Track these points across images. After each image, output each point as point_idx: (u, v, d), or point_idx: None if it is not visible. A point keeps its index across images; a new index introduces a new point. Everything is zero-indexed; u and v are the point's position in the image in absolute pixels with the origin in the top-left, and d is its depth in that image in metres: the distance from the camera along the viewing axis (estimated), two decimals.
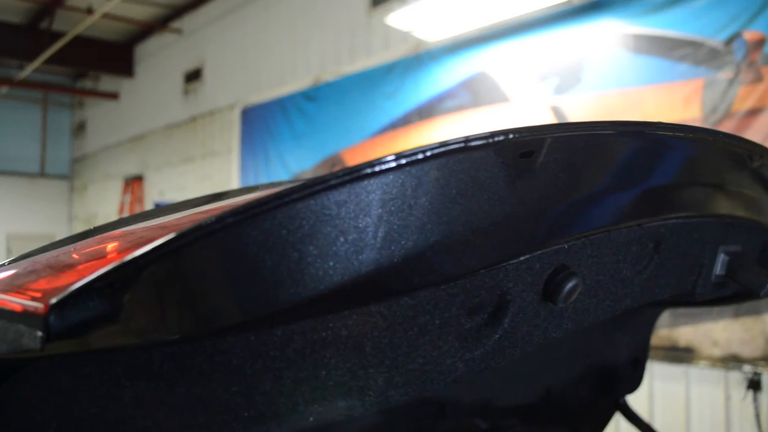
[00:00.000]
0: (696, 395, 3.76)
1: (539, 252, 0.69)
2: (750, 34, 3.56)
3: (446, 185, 0.54)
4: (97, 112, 11.04)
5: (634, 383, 1.47)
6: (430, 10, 4.66)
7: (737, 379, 3.57)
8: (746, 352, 3.53)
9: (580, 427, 1.49)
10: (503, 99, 4.53)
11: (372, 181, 0.51)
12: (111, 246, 0.82)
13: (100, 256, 0.79)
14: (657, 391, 3.91)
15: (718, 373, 3.65)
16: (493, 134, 0.53)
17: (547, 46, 4.33)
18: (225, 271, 0.50)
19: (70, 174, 11.72)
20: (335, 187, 0.49)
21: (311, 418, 0.62)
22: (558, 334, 0.78)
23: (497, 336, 0.72)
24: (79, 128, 11.56)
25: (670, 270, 0.91)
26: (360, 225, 0.52)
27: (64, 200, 11.66)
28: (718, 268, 0.98)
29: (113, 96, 10.31)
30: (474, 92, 4.69)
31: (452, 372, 0.69)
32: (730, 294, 1.09)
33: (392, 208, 0.52)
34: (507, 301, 0.71)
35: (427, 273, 0.58)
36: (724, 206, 0.91)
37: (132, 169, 9.63)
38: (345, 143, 5.61)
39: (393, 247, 0.53)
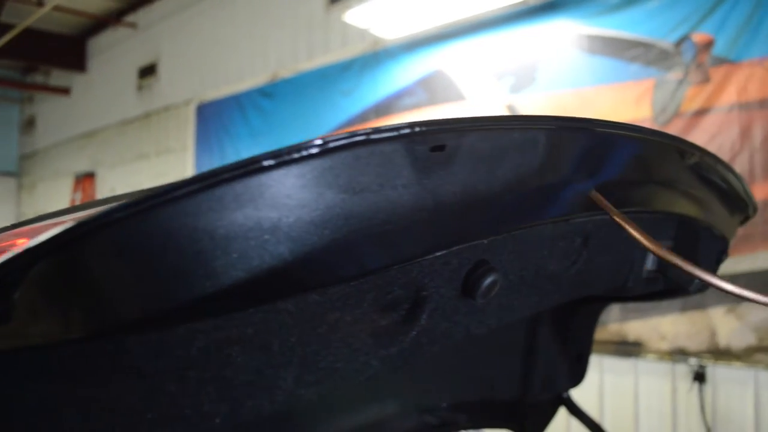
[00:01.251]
0: (644, 388, 3.85)
1: (457, 248, 0.69)
2: (698, 36, 3.66)
3: (351, 179, 0.53)
4: (47, 108, 10.72)
5: (577, 378, 1.50)
6: (388, 8, 4.67)
7: (683, 371, 3.67)
8: (692, 345, 3.63)
9: (526, 422, 1.51)
10: (459, 97, 4.57)
11: (273, 173, 0.49)
12: (7, 243, 0.79)
13: None
14: (607, 384, 4.00)
15: (665, 366, 3.75)
16: (399, 127, 0.52)
17: (502, 45, 4.38)
18: (119, 266, 0.49)
19: (18, 171, 11.35)
20: (233, 179, 0.48)
21: (217, 420, 0.60)
22: (481, 330, 0.78)
23: (414, 333, 0.71)
24: (29, 124, 11.21)
25: (600, 265, 0.92)
26: (261, 219, 0.50)
27: (12, 198, 11.29)
28: (650, 264, 0.99)
29: (65, 91, 10.02)
30: (431, 90, 4.71)
31: (366, 369, 0.68)
32: (662, 289, 1.11)
33: (294, 202, 0.51)
34: (424, 297, 0.70)
35: (334, 269, 0.58)
36: (654, 202, 0.92)
37: (83, 166, 9.38)
38: (302, 140, 5.56)
39: (297, 243, 0.52)
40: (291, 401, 0.63)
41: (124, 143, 8.49)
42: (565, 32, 4.12)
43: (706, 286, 1.20)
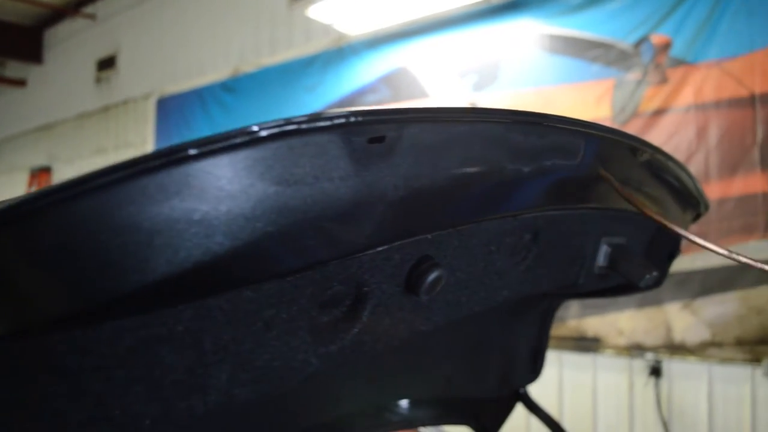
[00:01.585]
0: (602, 383, 3.92)
1: (399, 243, 0.67)
2: (657, 38, 3.73)
3: (285, 170, 0.51)
4: (1, 100, 10.41)
5: (534, 374, 1.50)
6: (352, 4, 4.64)
7: (640, 366, 3.74)
8: (649, 340, 3.71)
9: (483, 418, 1.51)
10: (423, 94, 4.57)
11: (201, 163, 0.47)
12: None
13: None
14: (566, 380, 4.05)
15: (622, 362, 3.82)
16: (333, 116, 0.50)
17: (466, 43, 4.40)
18: (36, 261, 0.46)
19: None
20: (156, 169, 0.45)
21: (147, 421, 0.58)
22: (428, 327, 0.77)
23: (356, 330, 0.69)
24: None
25: (551, 261, 0.91)
26: (188, 211, 0.48)
27: None
28: (601, 260, 1.00)
29: (20, 83, 9.74)
30: (394, 87, 4.71)
31: (305, 367, 0.66)
32: (614, 285, 1.11)
33: (224, 194, 0.49)
34: (365, 293, 0.68)
35: (268, 264, 0.56)
36: (606, 199, 0.92)
37: (39, 161, 9.13)
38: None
39: (228, 237, 0.50)
40: (226, 401, 0.61)
41: (81, 137, 8.28)
42: (527, 31, 4.15)
43: (656, 282, 1.21)
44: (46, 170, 8.94)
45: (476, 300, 0.83)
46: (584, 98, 3.94)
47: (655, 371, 3.67)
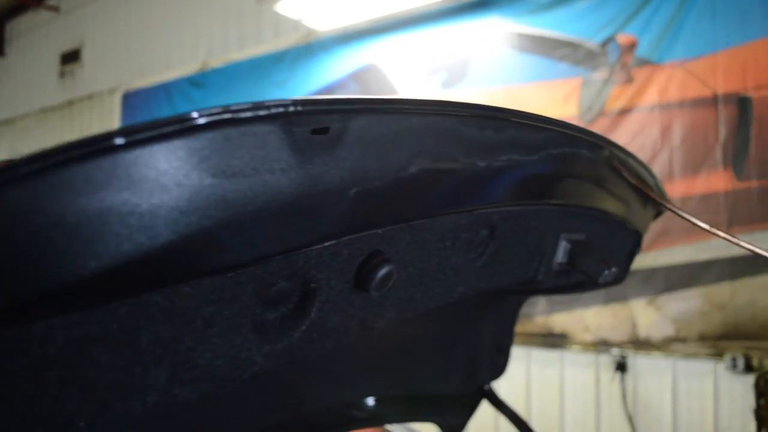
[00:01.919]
0: (570, 378, 3.96)
1: (347, 238, 0.65)
2: (623, 38, 3.77)
3: (222, 161, 0.49)
4: None
5: (498, 370, 1.51)
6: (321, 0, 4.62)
7: (606, 361, 3.79)
8: (615, 336, 3.76)
9: (448, 416, 1.51)
10: (392, 92, 4.56)
11: (131, 153, 0.45)
12: None
13: None
14: (534, 375, 4.09)
15: (589, 357, 3.87)
16: (271, 105, 0.48)
17: (435, 41, 4.40)
18: None
19: None
20: (80, 159, 0.43)
21: (82, 423, 0.55)
22: (380, 324, 0.75)
23: (304, 327, 0.67)
24: None
25: (509, 257, 0.90)
26: (118, 204, 0.46)
27: None
28: (560, 256, 0.99)
29: None
30: (363, 84, 4.69)
31: (250, 366, 0.64)
32: (575, 282, 1.11)
33: (156, 186, 0.46)
34: (313, 289, 0.66)
35: (206, 259, 0.54)
36: (564, 195, 0.92)
37: (1, 155, 8.91)
38: None
39: (162, 231, 0.48)
40: (167, 401, 0.59)
41: (45, 132, 8.09)
42: (496, 30, 4.17)
43: (616, 278, 1.22)
44: None
45: (431, 296, 0.81)
46: (552, 96, 3.97)
47: (621, 366, 3.72)
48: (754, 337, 3.34)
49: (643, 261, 3.64)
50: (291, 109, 0.49)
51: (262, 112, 0.48)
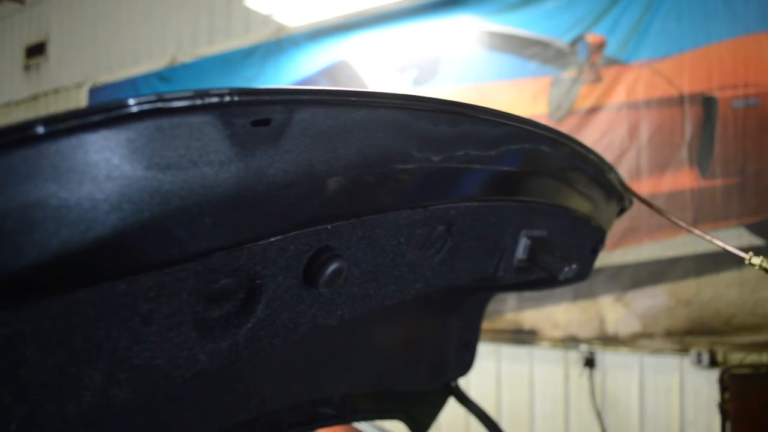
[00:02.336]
0: (539, 374, 4.00)
1: (294, 233, 0.63)
2: (592, 37, 3.81)
3: (155, 152, 0.47)
4: None
5: (465, 367, 1.50)
6: None
7: (575, 357, 3.84)
8: (583, 332, 3.80)
9: (415, 413, 1.51)
10: (363, 88, 4.55)
11: (55, 143, 0.42)
12: None
13: None
14: (504, 372, 4.12)
15: (558, 353, 3.91)
16: (203, 94, 0.46)
17: (406, 38, 4.39)
18: None
19: None
20: (1, 149, 0.41)
21: (13, 425, 0.53)
22: (332, 321, 0.74)
23: (250, 325, 0.65)
24: None
25: (467, 253, 0.89)
26: (44, 197, 0.43)
27: None
28: (520, 252, 0.99)
29: None
30: (334, 80, 4.66)
31: (192, 365, 0.62)
32: (536, 279, 1.11)
33: (84, 178, 0.44)
34: (258, 286, 0.64)
35: (141, 255, 0.52)
36: (524, 191, 0.92)
37: None
38: None
39: (92, 225, 0.46)
40: (103, 402, 0.56)
41: None
42: (467, 28, 4.18)
43: (579, 275, 1.23)
44: None
45: (386, 293, 0.79)
46: (522, 95, 4.00)
47: (589, 362, 3.77)
48: (718, 333, 3.41)
49: (610, 258, 3.68)
50: (227, 99, 0.47)
51: (196, 102, 0.46)
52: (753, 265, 0.84)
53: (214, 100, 0.47)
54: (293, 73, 4.85)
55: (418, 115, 0.64)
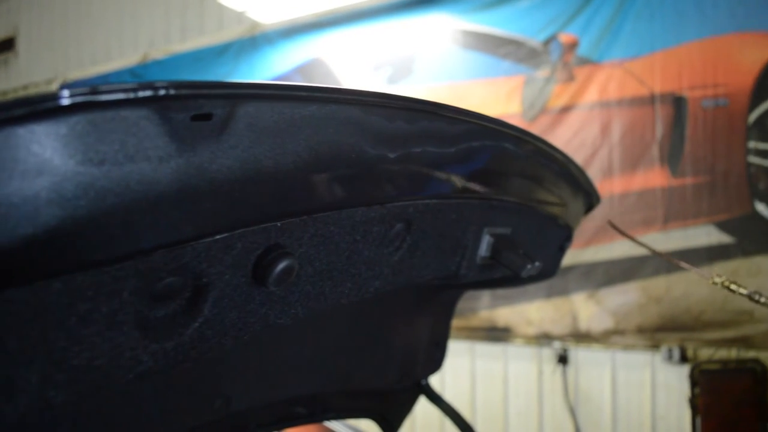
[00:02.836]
0: (513, 371, 4.02)
1: (240, 231, 0.62)
2: (565, 37, 3.84)
3: (88, 147, 0.45)
4: None
5: (435, 365, 1.50)
6: None
7: (548, 354, 3.87)
8: (556, 330, 3.83)
9: (386, 411, 1.50)
10: (337, 86, 4.53)
11: None
12: None
13: None
14: (479, 369, 4.14)
15: (532, 350, 3.94)
16: (136, 88, 0.45)
17: (381, 36, 4.39)
18: None
19: None
20: None
21: None
22: (286, 320, 0.72)
23: (197, 324, 0.64)
24: None
25: (428, 251, 0.88)
26: None
27: None
28: (483, 250, 0.98)
29: None
30: (309, 78, 4.64)
31: (135, 366, 0.60)
32: (500, 276, 1.10)
33: (11, 173, 0.42)
34: (205, 284, 0.62)
35: (74, 253, 0.50)
36: (486, 189, 0.91)
37: None
38: None
39: (21, 222, 0.44)
40: (41, 405, 0.55)
41: None
42: (442, 26, 4.19)
43: (545, 272, 1.24)
44: None
45: (342, 291, 0.78)
46: (496, 94, 4.01)
47: (562, 359, 3.80)
48: (688, 329, 3.46)
49: (583, 256, 3.72)
50: (162, 92, 0.46)
51: (131, 96, 0.45)
52: (716, 284, 0.86)
53: (149, 93, 0.45)
54: (267, 70, 4.82)
55: (372, 111, 0.63)
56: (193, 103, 0.49)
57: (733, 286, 0.83)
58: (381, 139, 0.66)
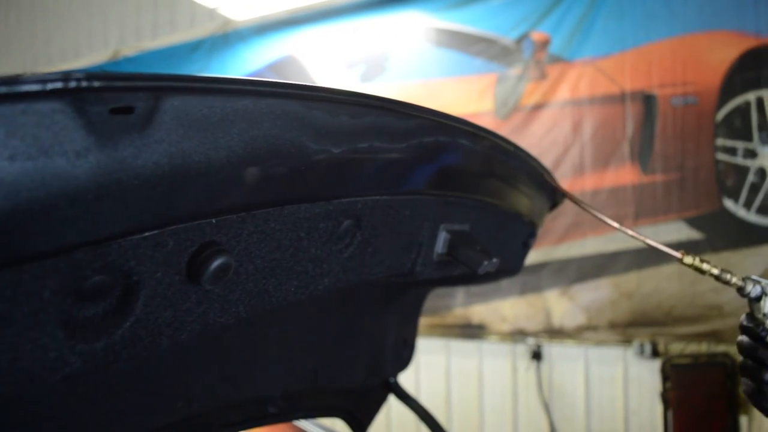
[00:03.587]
0: (488, 368, 4.04)
1: (171, 227, 0.60)
2: (537, 35, 3.86)
3: None
4: None
5: (403, 362, 1.50)
6: None
7: (522, 351, 3.89)
8: (530, 326, 3.86)
9: (355, 410, 1.49)
10: (312, 82, 4.51)
11: None
12: None
13: None
14: (454, 367, 4.15)
15: (506, 347, 3.96)
16: (46, 79, 0.43)
17: (354, 33, 4.37)
18: None
19: None
20: None
21: None
22: (227, 319, 0.71)
23: (128, 324, 0.62)
24: None
25: (380, 248, 0.87)
26: None
27: None
28: (440, 247, 0.97)
29: None
30: (282, 75, 4.61)
31: (62, 367, 0.58)
32: (459, 273, 1.09)
33: None
34: (135, 283, 0.61)
35: None
36: (440, 185, 0.90)
37: None
38: None
39: None
40: None
41: None
42: (414, 24, 4.19)
43: (509, 268, 1.24)
44: None
45: (288, 289, 0.77)
46: (468, 91, 4.02)
47: (536, 355, 3.83)
48: (659, 324, 3.50)
49: (556, 253, 3.75)
50: (73, 84, 0.44)
51: (42, 87, 0.43)
52: (685, 264, 0.86)
53: (59, 85, 0.44)
54: (240, 67, 4.78)
55: (312, 105, 0.62)
56: (111, 96, 0.47)
57: (705, 266, 0.84)
58: (323, 134, 0.65)
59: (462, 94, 4.04)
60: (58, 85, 0.44)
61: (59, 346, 0.57)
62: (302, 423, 1.80)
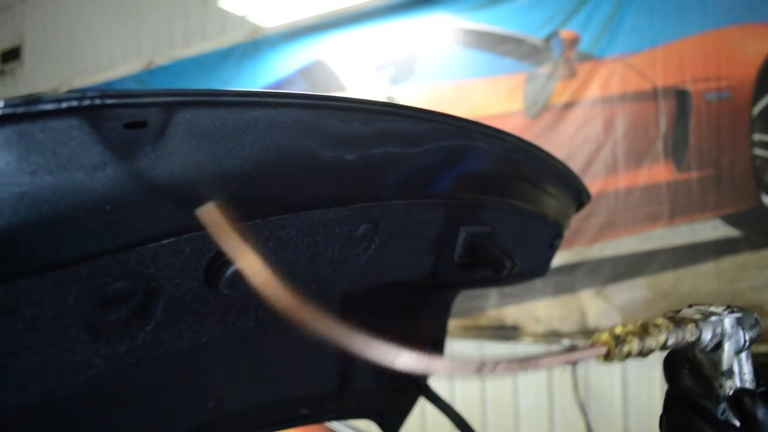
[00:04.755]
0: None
1: (188, 235, 0.62)
2: (566, 33, 3.83)
3: (21, 157, 0.45)
4: None
5: None
6: None
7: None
8: (564, 327, 3.82)
9: (387, 411, 1.50)
10: (340, 88, 4.54)
11: None
12: None
13: None
14: None
15: (540, 348, 3.92)
16: (62, 99, 0.45)
17: (383, 36, 4.40)
18: None
19: None
20: None
21: None
22: (247, 322, 0.72)
23: (149, 328, 0.64)
24: None
25: (399, 251, 0.88)
26: None
27: None
28: (460, 249, 0.97)
29: None
30: (311, 80, 4.66)
31: (87, 369, 0.60)
32: (483, 276, 1.09)
33: None
34: (155, 288, 0.63)
35: (11, 260, 0.50)
36: (459, 189, 0.90)
37: None
38: None
39: None
40: None
41: None
42: (442, 25, 4.19)
43: (535, 270, 1.23)
44: None
45: (307, 293, 0.77)
46: (497, 92, 4.01)
47: None
48: None
49: (590, 253, 3.71)
50: (87, 102, 0.46)
51: (58, 106, 0.45)
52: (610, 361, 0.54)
53: (74, 103, 0.46)
54: (270, 73, 4.84)
55: (322, 114, 0.64)
56: (124, 112, 0.50)
57: (627, 348, 0.54)
58: (336, 141, 0.66)
59: (491, 94, 4.02)
60: (74, 103, 0.46)
61: (84, 349, 0.59)
62: (334, 424, 1.81)
